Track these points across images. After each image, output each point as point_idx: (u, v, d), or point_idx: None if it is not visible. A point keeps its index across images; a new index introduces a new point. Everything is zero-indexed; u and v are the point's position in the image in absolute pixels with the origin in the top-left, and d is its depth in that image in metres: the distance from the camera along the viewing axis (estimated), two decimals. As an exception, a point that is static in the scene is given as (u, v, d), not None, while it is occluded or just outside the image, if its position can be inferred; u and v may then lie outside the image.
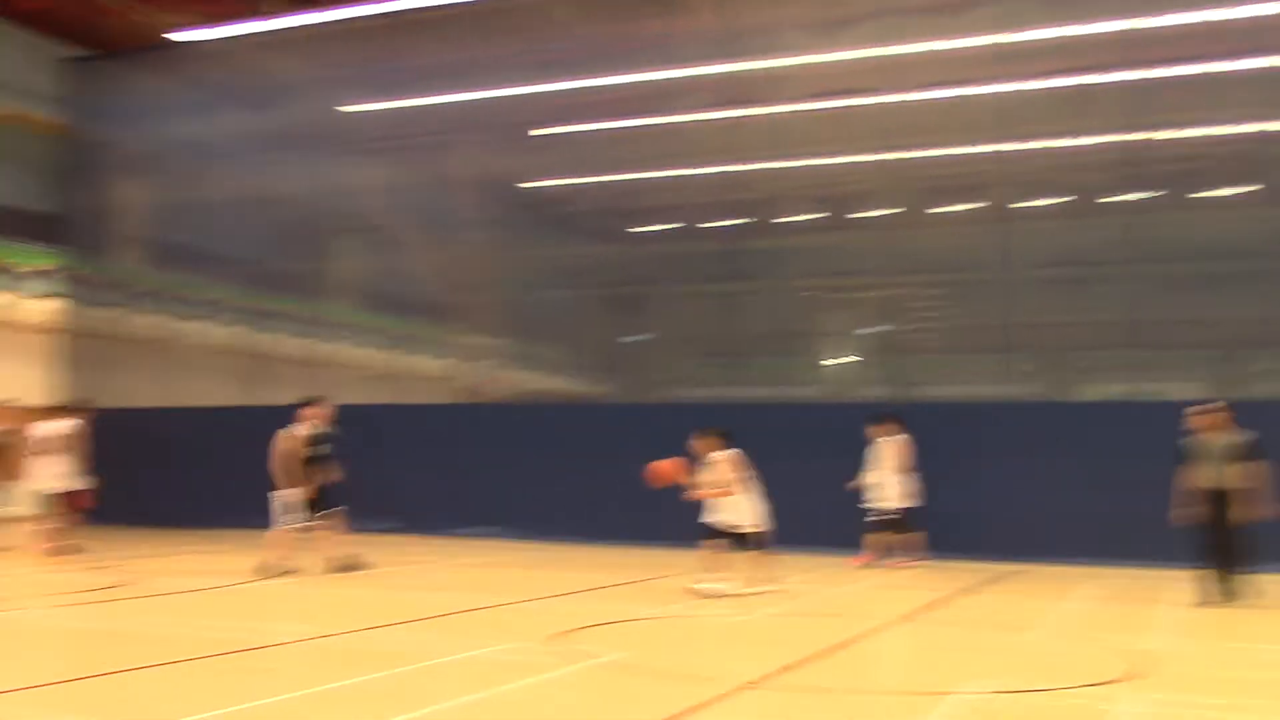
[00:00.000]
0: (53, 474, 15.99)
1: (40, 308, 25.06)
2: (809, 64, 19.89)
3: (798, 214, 22.32)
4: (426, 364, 27.46)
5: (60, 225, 26.10)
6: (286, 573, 13.55)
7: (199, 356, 24.37)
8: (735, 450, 12.34)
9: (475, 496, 19.79)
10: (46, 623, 10.60)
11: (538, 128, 22.53)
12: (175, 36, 23.50)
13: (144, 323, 24.61)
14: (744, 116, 20.75)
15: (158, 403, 22.88)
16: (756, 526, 12.24)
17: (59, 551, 15.75)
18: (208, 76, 23.93)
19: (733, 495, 12.13)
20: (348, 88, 23.11)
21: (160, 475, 21.33)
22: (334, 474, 14.20)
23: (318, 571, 13.78)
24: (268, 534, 14.01)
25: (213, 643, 9.12)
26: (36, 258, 25.28)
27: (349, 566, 14.05)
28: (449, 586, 13.51)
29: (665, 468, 12.13)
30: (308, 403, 14.47)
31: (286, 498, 13.91)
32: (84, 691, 7.20)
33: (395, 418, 20.93)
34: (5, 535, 17.15)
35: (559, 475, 18.53)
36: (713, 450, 12.30)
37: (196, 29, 23.43)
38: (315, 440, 14.12)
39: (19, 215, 27.81)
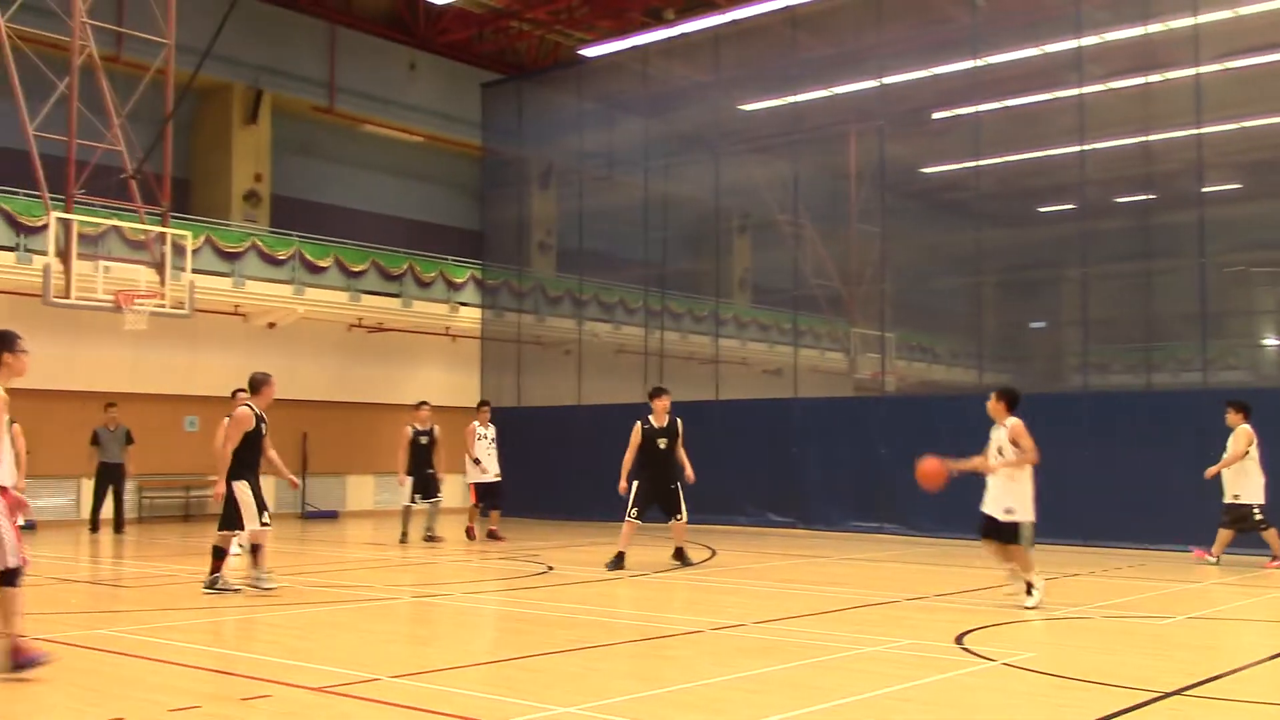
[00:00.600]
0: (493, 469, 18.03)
1: (468, 316, 27.22)
2: (1228, 19, 18.23)
3: (1219, 184, 20.54)
4: (822, 358, 27.49)
5: (480, 238, 28.25)
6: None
7: (605, 356, 25.60)
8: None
9: (869, 491, 19.57)
10: (477, 607, 11.44)
11: (937, 110, 21.98)
12: (586, 52, 24.84)
13: (555, 326, 26.15)
14: (1158, 82, 19.31)
15: (568, 401, 24.27)
16: None
17: (486, 539, 17.07)
18: (611, 88, 25.10)
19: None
20: (745, 87, 23.52)
21: (571, 469, 22.60)
22: (675, 469, 14.20)
23: (662, 563, 14.07)
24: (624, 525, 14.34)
25: (625, 629, 9.52)
26: (463, 270, 27.49)
27: (682, 561, 14.23)
28: (843, 581, 13.42)
29: (930, 467, 11.02)
30: (657, 393, 14.53)
31: (627, 490, 14.38)
32: (509, 671, 7.69)
33: (790, 412, 21.09)
34: (436, 527, 18.64)
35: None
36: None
37: (604, 43, 24.69)
38: (654, 434, 14.14)
39: (447, 231, 30.38)
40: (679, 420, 14.36)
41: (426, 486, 17.97)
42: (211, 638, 9.14)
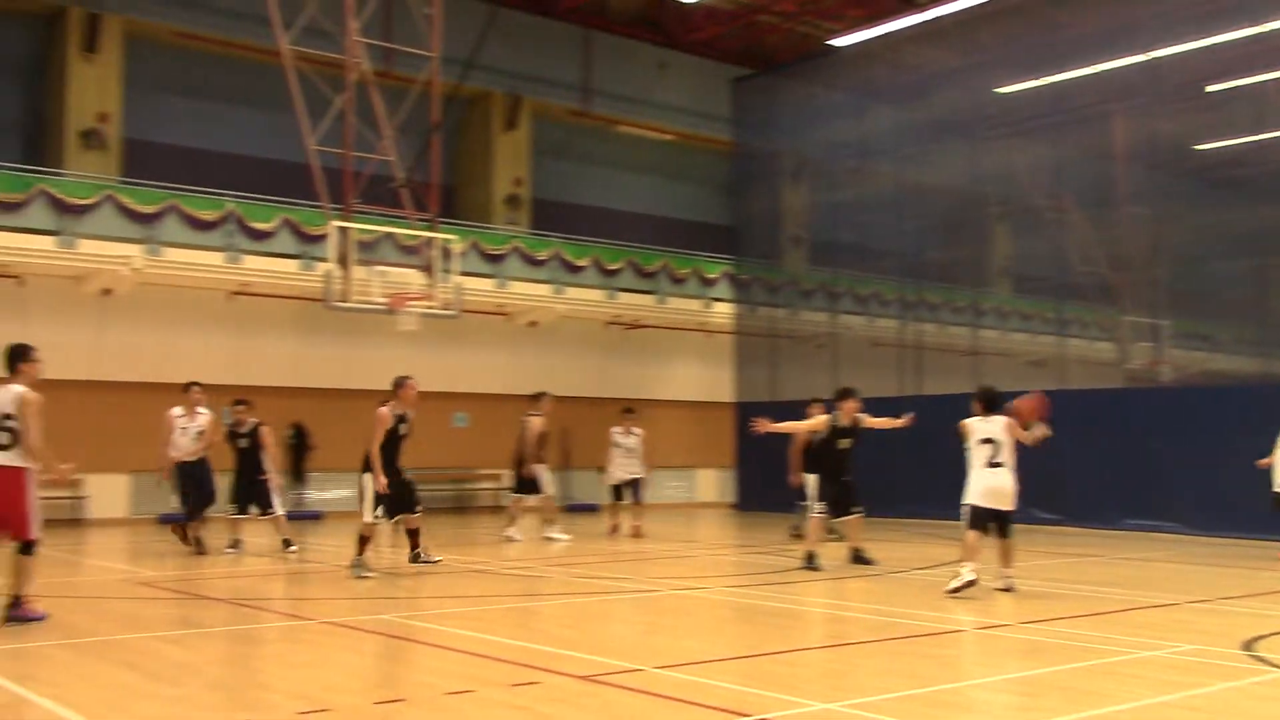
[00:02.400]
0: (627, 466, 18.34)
1: (722, 311, 27.39)
2: None
3: None
4: (1089, 348, 26.28)
5: (732, 234, 28.35)
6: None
7: (860, 349, 25.24)
8: None
9: (1142, 487, 18.58)
10: (736, 600, 11.50)
11: (1214, 83, 20.65)
12: (836, 42, 24.55)
13: (808, 320, 25.96)
14: None
15: (823, 395, 24.03)
16: None
17: (636, 533, 17.55)
18: (862, 77, 24.72)
19: None
20: (1002, 69, 22.73)
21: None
22: (852, 467, 13.68)
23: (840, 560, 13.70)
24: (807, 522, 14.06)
25: (884, 626, 9.37)
26: (717, 266, 27.68)
27: (863, 561, 13.81)
28: (1117, 582, 12.79)
29: (1026, 405, 11.17)
30: (844, 395, 13.90)
31: (809, 485, 14.54)
32: (768, 665, 7.70)
33: (1056, 405, 20.23)
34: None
35: (1239, 464, 16.82)
36: None
37: (855, 32, 24.35)
38: (838, 433, 13.59)
39: (700, 228, 30.67)
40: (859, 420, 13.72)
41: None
42: (483, 625, 9.52)
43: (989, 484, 10.89)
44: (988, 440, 10.97)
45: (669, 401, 26.82)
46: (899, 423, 13.36)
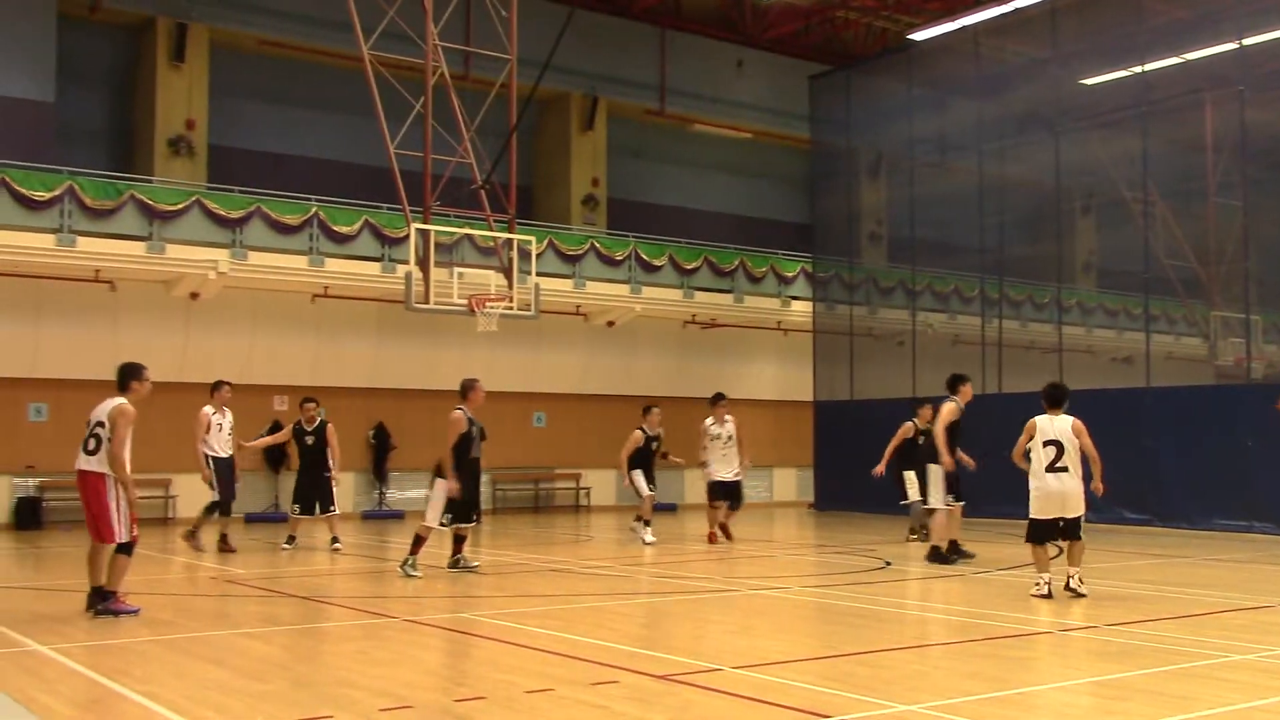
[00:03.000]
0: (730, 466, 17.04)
1: (799, 309, 27.24)
2: None
3: None
4: (1176, 344, 25.75)
5: (809, 232, 28.18)
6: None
7: (941, 347, 24.94)
8: None
9: (1233, 486, 18.13)
10: (815, 601, 11.43)
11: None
12: (916, 36, 24.29)
13: (887, 317, 25.72)
14: None
15: (903, 394, 23.80)
16: None
17: (726, 535, 17.01)
18: (942, 71, 24.44)
19: None
20: (1086, 60, 22.34)
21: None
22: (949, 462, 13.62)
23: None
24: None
25: (967, 627, 9.26)
26: (794, 264, 27.53)
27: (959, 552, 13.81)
28: (1208, 583, 12.50)
29: None
30: (958, 380, 13.96)
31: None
32: (848, 666, 7.64)
33: (1143, 402, 19.86)
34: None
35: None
36: None
37: (933, 26, 24.05)
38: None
39: (777, 225, 30.54)
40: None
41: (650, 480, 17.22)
42: (562, 624, 9.57)
43: (1050, 490, 10.42)
44: (1052, 442, 10.47)
45: (747, 400, 26.68)
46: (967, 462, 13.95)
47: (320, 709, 6.32)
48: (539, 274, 19.96)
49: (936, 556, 13.52)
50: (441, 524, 12.44)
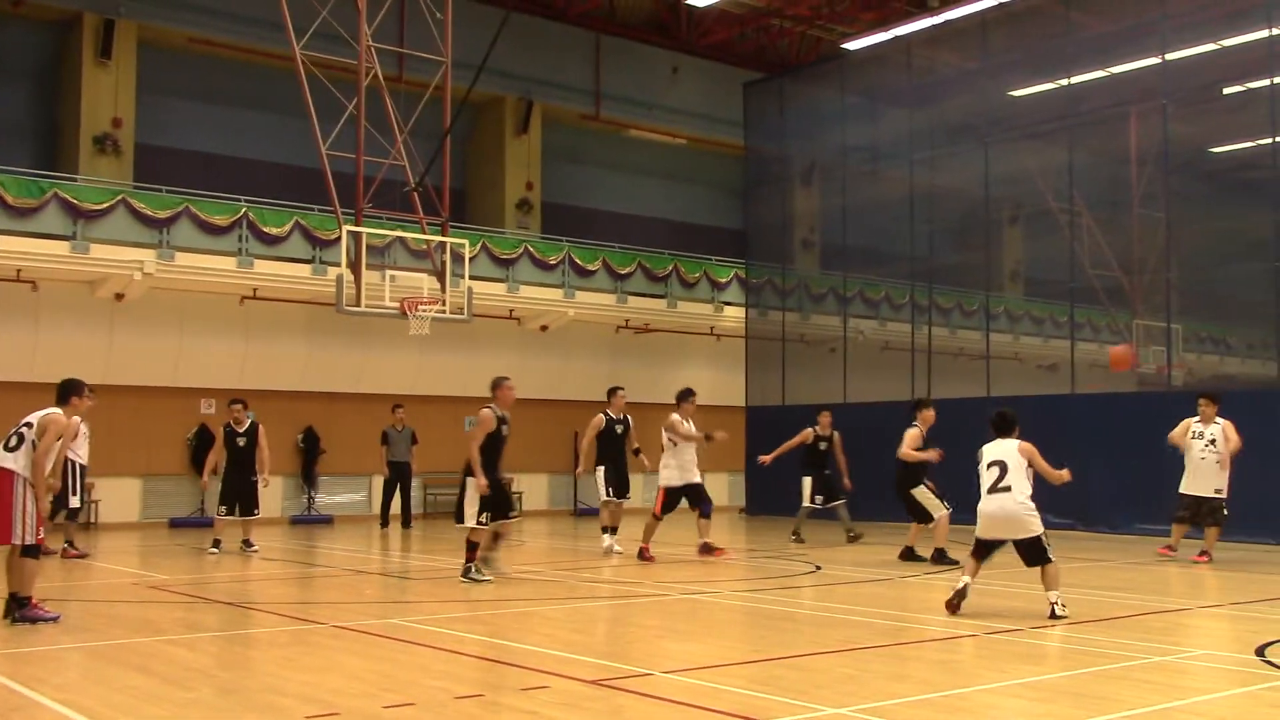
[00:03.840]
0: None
1: (732, 315, 27.36)
2: None
3: None
4: (1100, 352, 26.20)
5: (743, 238, 28.32)
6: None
7: (871, 353, 25.19)
8: None
9: (1154, 492, 18.46)
10: (746, 605, 11.47)
11: (1229, 85, 20.55)
12: (850, 45, 24.52)
13: (819, 323, 25.92)
14: None
15: (834, 399, 23.99)
16: None
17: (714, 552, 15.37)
18: (874, 80, 24.71)
19: None
20: (1015, 72, 22.67)
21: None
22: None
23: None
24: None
25: (895, 631, 9.35)
26: (727, 269, 27.65)
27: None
28: (1129, 587, 12.74)
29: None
30: (918, 405, 14.66)
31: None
32: (778, 670, 7.68)
33: (1068, 409, 20.19)
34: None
35: (1253, 470, 16.72)
36: None
37: (866, 36, 24.31)
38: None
39: (710, 231, 30.66)
40: None
41: (620, 482, 15.72)
42: (492, 629, 9.52)
43: (989, 510, 10.02)
44: (995, 463, 10.12)
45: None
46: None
47: (246, 716, 6.23)
48: (472, 277, 19.89)
49: (940, 558, 14.00)
50: (480, 523, 12.22)
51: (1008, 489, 9.98)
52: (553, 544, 18.34)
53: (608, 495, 15.53)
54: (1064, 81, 21.20)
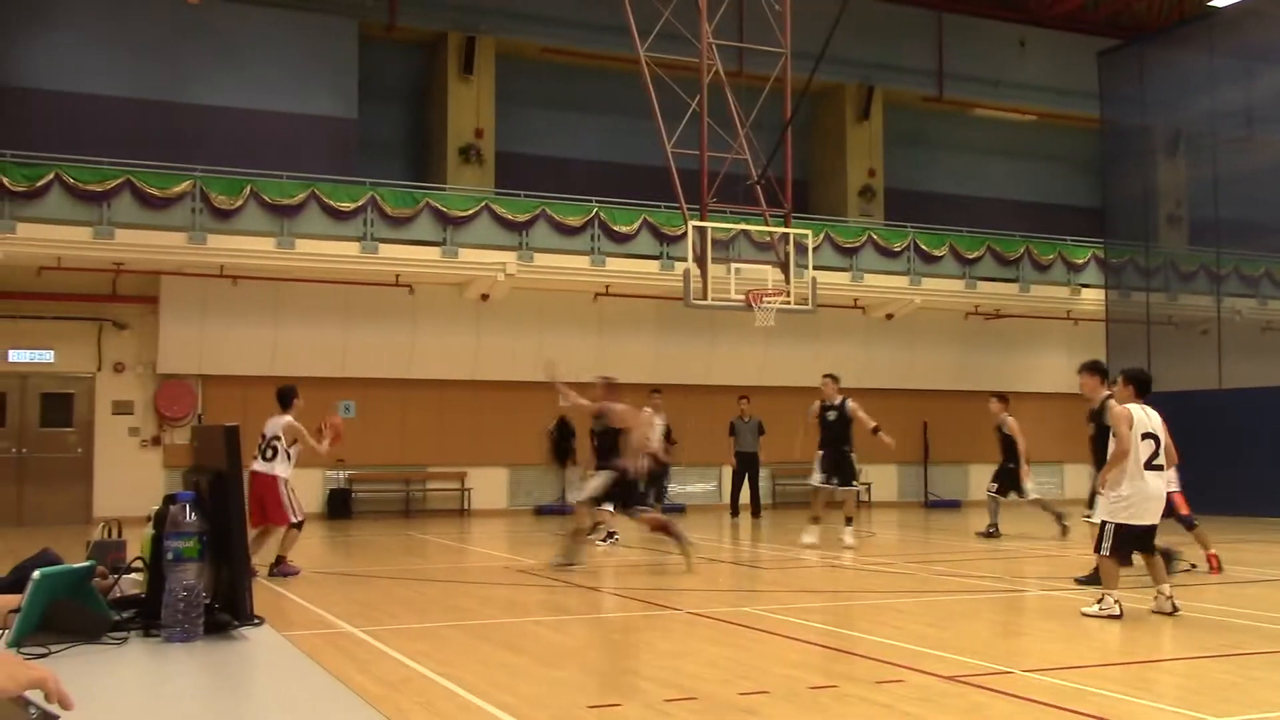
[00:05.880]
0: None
1: (1090, 298, 25.99)
2: None
3: None
4: None
5: (1100, 216, 26.82)
6: None
7: (1249, 335, 23.26)
8: None
9: None
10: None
11: None
12: (1218, 2, 22.73)
13: (1188, 304, 24.18)
14: None
15: (1207, 385, 22.32)
16: None
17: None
18: (1248, 38, 22.80)
19: None
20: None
21: (1212, 459, 20.72)
22: None
23: None
24: None
25: (1276, 636, 8.62)
26: (1084, 250, 26.28)
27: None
28: None
29: None
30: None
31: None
32: (1149, 673, 7.22)
33: None
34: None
35: None
36: None
37: (1236, -8, 22.43)
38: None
39: (1064, 210, 29.22)
40: None
41: (841, 468, 15.47)
42: (843, 621, 9.49)
43: (1149, 492, 8.93)
44: (1149, 435, 9.00)
45: (1034, 394, 25.69)
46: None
47: (608, 696, 6.50)
48: (816, 267, 19.83)
49: None
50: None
51: (1162, 467, 9.02)
52: (906, 535, 18.06)
53: (821, 482, 15.50)
54: None
